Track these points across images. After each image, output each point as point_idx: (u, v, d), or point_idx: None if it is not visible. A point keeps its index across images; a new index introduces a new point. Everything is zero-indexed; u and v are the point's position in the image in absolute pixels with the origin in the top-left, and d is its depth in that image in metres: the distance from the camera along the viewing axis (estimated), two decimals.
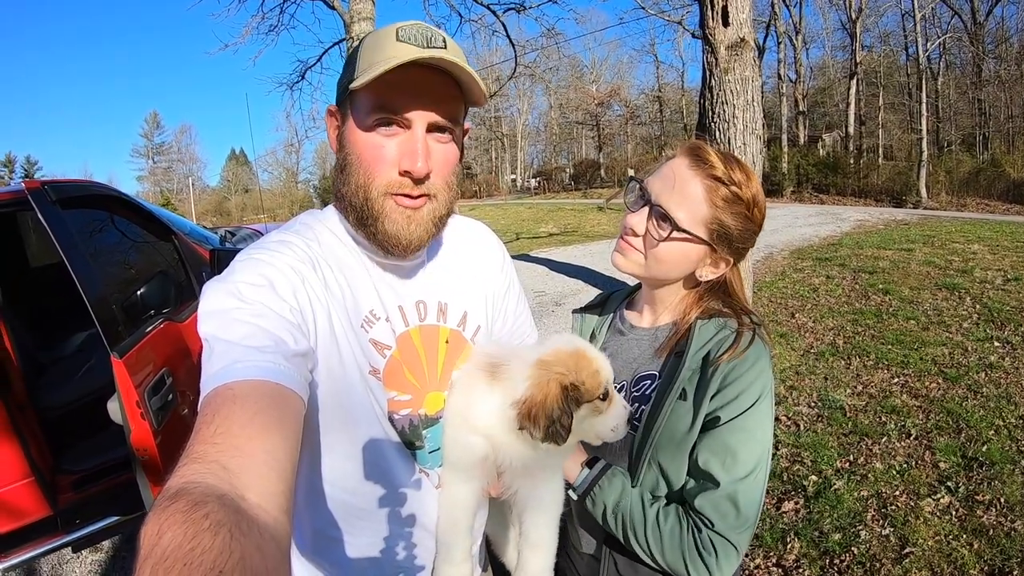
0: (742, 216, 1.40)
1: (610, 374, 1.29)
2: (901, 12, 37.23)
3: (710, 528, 1.29)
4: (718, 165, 1.37)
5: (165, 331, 3.61)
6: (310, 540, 1.31)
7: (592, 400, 1.26)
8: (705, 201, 1.38)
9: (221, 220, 60.47)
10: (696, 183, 1.38)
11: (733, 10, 6.31)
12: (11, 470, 3.59)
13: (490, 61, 46.38)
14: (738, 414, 1.32)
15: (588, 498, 1.41)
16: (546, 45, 18.77)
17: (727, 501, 1.29)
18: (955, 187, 27.50)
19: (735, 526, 1.29)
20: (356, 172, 1.19)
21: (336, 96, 1.26)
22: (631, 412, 1.35)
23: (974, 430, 4.75)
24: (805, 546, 3.61)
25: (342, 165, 1.23)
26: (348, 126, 1.21)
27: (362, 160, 1.19)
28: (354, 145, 1.20)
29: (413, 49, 1.11)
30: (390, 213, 1.20)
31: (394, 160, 1.17)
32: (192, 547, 0.63)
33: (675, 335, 1.47)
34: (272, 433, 0.87)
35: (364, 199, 1.19)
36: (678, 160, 1.43)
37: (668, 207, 1.39)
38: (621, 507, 1.37)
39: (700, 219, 1.39)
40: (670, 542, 1.31)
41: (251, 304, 1.05)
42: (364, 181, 1.19)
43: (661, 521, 1.33)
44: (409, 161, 1.16)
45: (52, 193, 3.48)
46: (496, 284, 1.52)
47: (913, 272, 9.99)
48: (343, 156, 1.23)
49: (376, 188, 1.18)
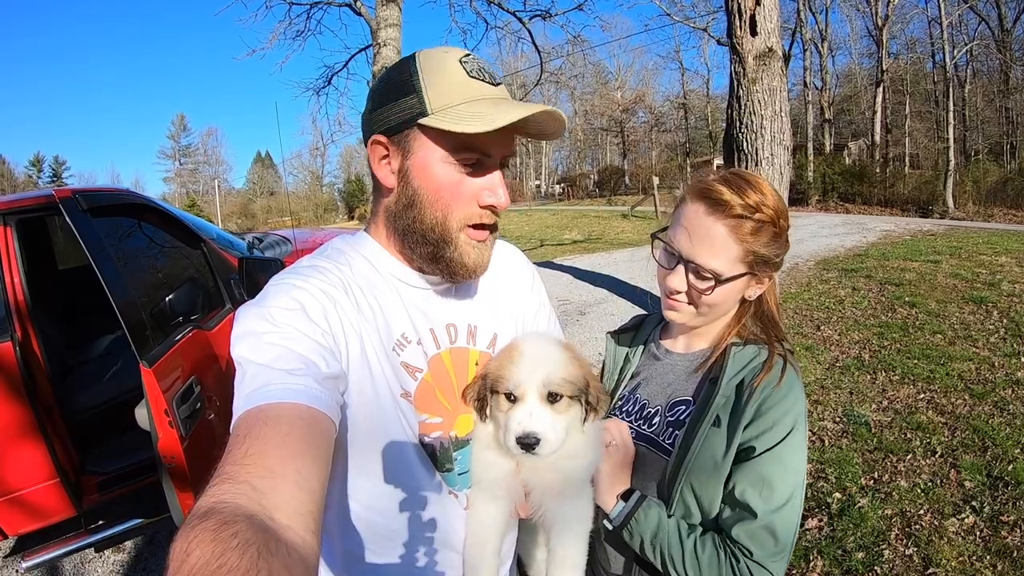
0: (770, 235, 1.40)
1: (523, 379, 1.24)
2: (928, 19, 36.90)
3: (748, 557, 1.29)
4: (733, 201, 1.37)
5: (194, 339, 3.64)
6: (340, 561, 1.31)
7: (498, 393, 1.27)
8: (734, 241, 1.38)
9: (246, 222, 61.00)
10: (719, 227, 1.38)
11: (761, 19, 6.28)
12: (37, 471, 3.64)
13: (515, 67, 46.47)
14: (773, 445, 1.32)
15: (625, 530, 1.41)
16: (571, 52, 18.74)
17: (765, 531, 1.30)
18: (982, 197, 27.11)
19: (773, 554, 1.30)
20: (432, 207, 1.20)
21: (389, 126, 1.21)
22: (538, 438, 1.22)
23: (1000, 448, 4.68)
24: (828, 564, 3.58)
25: (412, 200, 1.22)
26: (417, 160, 1.20)
27: (440, 196, 1.20)
28: (430, 180, 1.20)
29: (489, 88, 1.17)
30: (463, 246, 1.23)
31: (473, 195, 1.20)
32: (220, 565, 0.64)
33: (711, 359, 1.48)
34: (303, 455, 0.88)
35: (443, 232, 1.22)
36: (692, 207, 1.43)
37: (702, 262, 1.39)
38: (659, 539, 1.36)
39: (735, 259, 1.39)
40: (708, 572, 1.31)
41: (283, 328, 1.06)
42: (443, 216, 1.20)
43: (699, 551, 1.33)
44: (494, 196, 1.21)
45: (83, 201, 3.52)
46: (526, 305, 1.53)
47: (940, 285, 9.87)
48: (411, 191, 1.22)
49: (456, 221, 1.21)
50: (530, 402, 1.24)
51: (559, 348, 1.31)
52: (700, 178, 1.46)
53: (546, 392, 1.24)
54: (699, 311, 1.46)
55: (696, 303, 1.45)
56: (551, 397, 1.25)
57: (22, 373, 3.59)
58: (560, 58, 19.66)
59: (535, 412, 1.23)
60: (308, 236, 7.23)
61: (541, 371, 1.25)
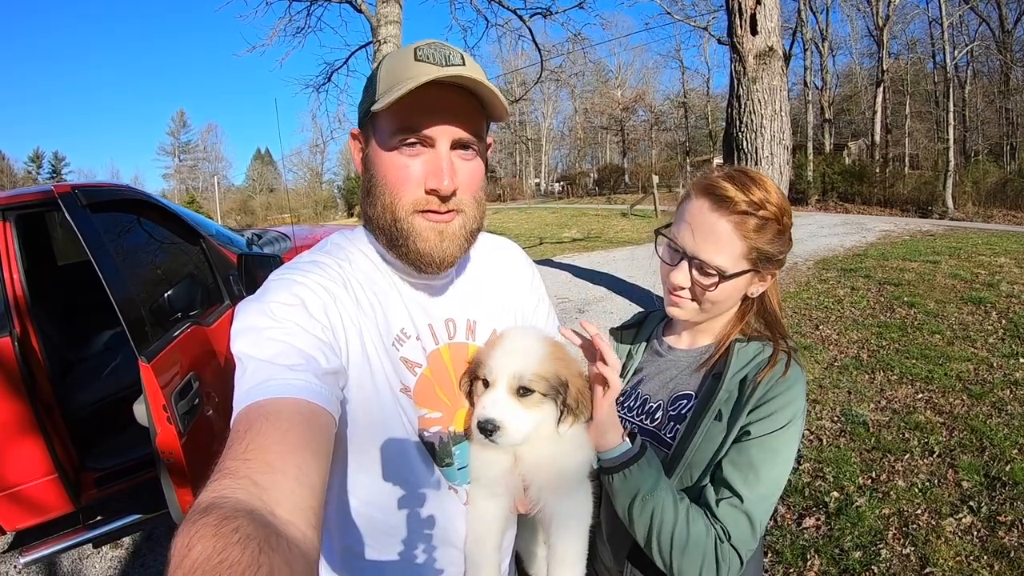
0: (774, 232, 1.41)
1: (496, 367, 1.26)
2: (928, 19, 36.84)
3: (728, 539, 1.30)
4: (738, 198, 1.37)
5: (192, 335, 3.65)
6: (339, 556, 1.32)
7: (478, 379, 1.30)
8: (738, 238, 1.39)
9: (246, 219, 60.97)
10: (723, 223, 1.39)
11: (761, 18, 6.28)
12: (36, 466, 3.65)
13: (515, 65, 46.46)
14: (768, 432, 1.33)
15: (620, 474, 1.34)
16: (572, 50, 18.71)
17: (745, 517, 1.31)
18: (981, 198, 27.08)
19: (747, 541, 1.31)
20: (383, 193, 1.21)
21: (358, 119, 1.28)
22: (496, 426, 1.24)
23: (998, 449, 4.68)
24: (825, 563, 3.59)
25: (368, 187, 1.25)
26: (372, 148, 1.23)
27: (387, 181, 1.20)
28: (378, 167, 1.21)
29: (432, 68, 1.13)
30: (421, 231, 1.21)
31: (419, 179, 1.18)
32: (220, 560, 0.64)
33: (714, 355, 1.49)
34: (303, 450, 0.89)
35: (392, 219, 1.21)
36: (697, 203, 1.43)
37: (706, 258, 1.40)
38: (655, 496, 1.32)
39: (739, 255, 1.40)
40: (694, 547, 1.30)
41: (283, 323, 1.06)
42: (391, 201, 1.20)
43: (691, 522, 1.31)
44: (435, 179, 1.17)
45: (82, 197, 3.52)
46: (525, 301, 1.54)
47: (939, 285, 9.86)
48: (368, 178, 1.24)
49: (403, 207, 1.20)
50: (498, 390, 1.25)
51: (541, 343, 1.31)
52: (705, 174, 1.47)
53: (516, 384, 1.24)
54: (702, 307, 1.47)
55: (699, 299, 1.45)
56: (521, 391, 1.25)
57: (21, 369, 3.59)
58: (560, 56, 19.61)
59: (499, 400, 1.25)
60: (307, 232, 7.24)
61: (515, 363, 1.26)
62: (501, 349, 1.28)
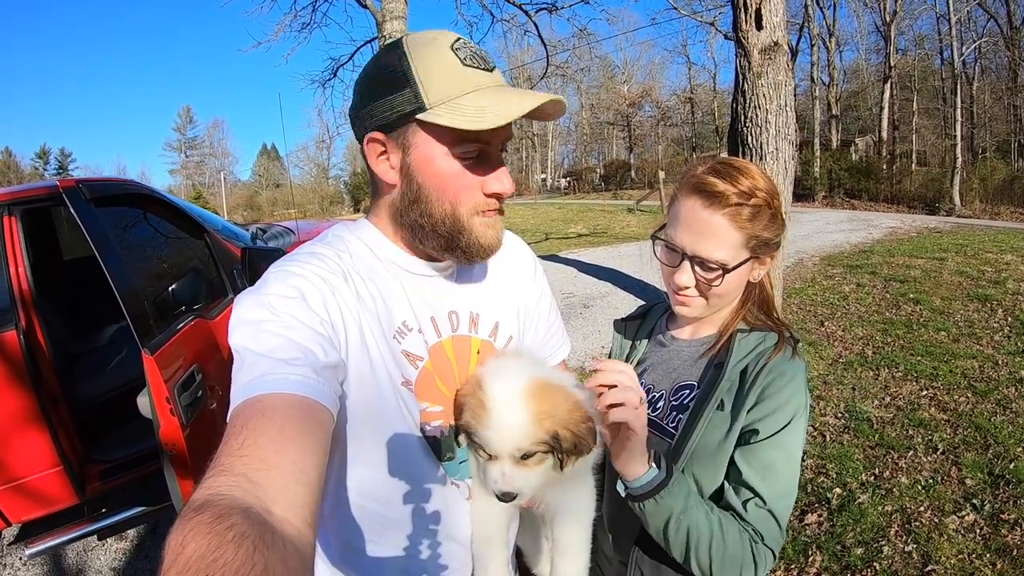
0: (768, 217, 1.42)
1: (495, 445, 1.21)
2: (936, 15, 36.52)
3: (761, 540, 1.32)
4: (728, 191, 1.38)
5: (196, 328, 3.65)
6: (338, 551, 1.30)
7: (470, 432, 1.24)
8: (735, 229, 1.39)
9: (252, 214, 60.98)
10: (718, 218, 1.39)
11: (767, 13, 6.23)
12: (41, 458, 3.67)
13: (521, 60, 46.46)
14: (777, 430, 1.34)
15: (652, 500, 1.30)
16: (578, 45, 18.75)
17: (770, 516, 1.32)
18: (989, 195, 26.92)
19: (777, 539, 1.33)
20: (440, 201, 1.19)
21: (384, 122, 1.17)
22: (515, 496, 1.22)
23: (1002, 447, 4.67)
24: (827, 560, 3.58)
25: (416, 196, 1.20)
26: (418, 156, 1.17)
27: (445, 189, 1.18)
28: (430, 176, 1.18)
29: (483, 76, 1.14)
30: (480, 230, 1.22)
31: (478, 183, 1.19)
32: (215, 558, 0.63)
33: (716, 345, 1.50)
34: (299, 446, 0.88)
35: (453, 225, 1.20)
36: (688, 203, 1.43)
37: (706, 255, 1.40)
38: (688, 515, 1.30)
39: (738, 246, 1.40)
40: (733, 555, 1.30)
41: (281, 316, 1.05)
42: (451, 209, 1.19)
43: (726, 532, 1.31)
44: (499, 184, 1.20)
45: (87, 191, 3.53)
46: (528, 294, 1.53)
47: (945, 282, 9.84)
48: (415, 187, 1.19)
49: (464, 214, 1.19)
50: (503, 463, 1.22)
51: (528, 404, 1.21)
52: (691, 173, 1.47)
53: (518, 455, 1.21)
54: (710, 302, 1.48)
55: (706, 295, 1.46)
56: (523, 456, 1.22)
57: (27, 362, 3.62)
58: (566, 51, 19.65)
59: (507, 472, 1.22)
60: (312, 227, 7.23)
61: (512, 438, 1.20)
62: (493, 423, 1.20)
